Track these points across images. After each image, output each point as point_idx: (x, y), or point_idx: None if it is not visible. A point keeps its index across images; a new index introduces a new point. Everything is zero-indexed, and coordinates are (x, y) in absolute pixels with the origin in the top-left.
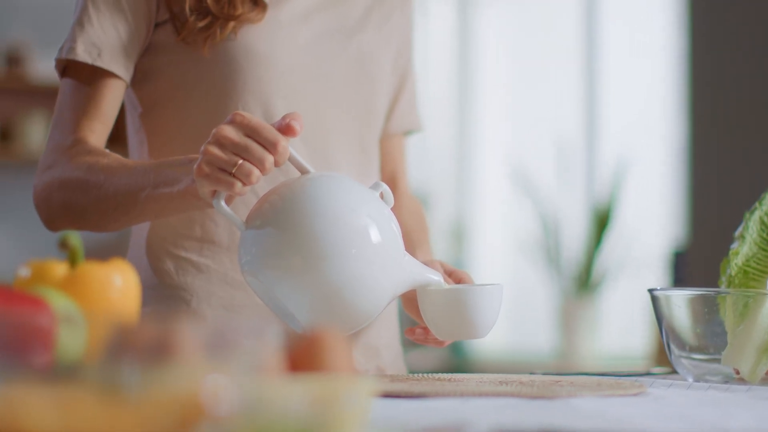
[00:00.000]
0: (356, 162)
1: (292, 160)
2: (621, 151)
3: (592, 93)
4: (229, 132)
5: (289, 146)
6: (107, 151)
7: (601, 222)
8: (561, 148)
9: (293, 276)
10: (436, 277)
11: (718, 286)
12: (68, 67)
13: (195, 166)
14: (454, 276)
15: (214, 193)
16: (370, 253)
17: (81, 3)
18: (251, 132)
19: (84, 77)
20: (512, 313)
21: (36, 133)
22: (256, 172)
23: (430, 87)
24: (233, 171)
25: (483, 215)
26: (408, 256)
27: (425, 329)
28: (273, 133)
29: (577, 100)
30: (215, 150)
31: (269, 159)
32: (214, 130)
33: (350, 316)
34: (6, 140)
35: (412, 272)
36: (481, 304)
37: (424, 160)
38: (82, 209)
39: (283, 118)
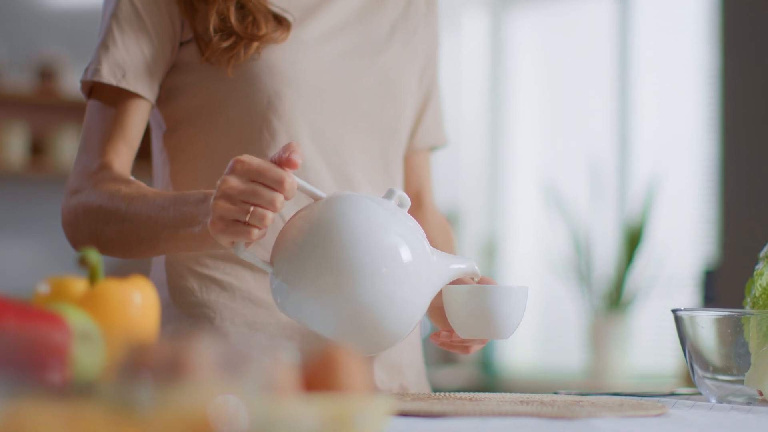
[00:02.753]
0: (379, 182)
1: (301, 190)
2: (653, 169)
3: (625, 110)
4: (234, 182)
5: (295, 177)
6: (131, 179)
7: (633, 240)
8: (593, 165)
9: (326, 299)
10: (465, 266)
11: (743, 307)
12: (94, 89)
13: (209, 222)
14: (480, 281)
15: (233, 242)
16: (401, 272)
17: (105, 24)
18: (255, 176)
19: (109, 99)
20: (542, 331)
21: (67, 147)
22: (269, 214)
23: (462, 103)
24: (247, 220)
25: (514, 232)
26: (436, 255)
27: (450, 332)
28: (276, 172)
29: (609, 117)
30: (224, 204)
31: (279, 198)
32: (218, 182)
33: (383, 335)
34: (38, 154)
35: (441, 276)
36: (505, 304)
37: (455, 176)
38: (108, 239)
39: (283, 150)
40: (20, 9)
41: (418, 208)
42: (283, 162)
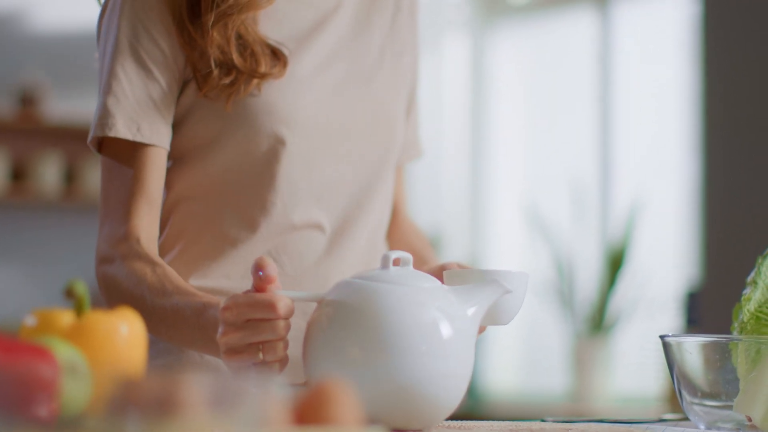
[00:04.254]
0: (373, 214)
1: (298, 300)
2: (635, 191)
3: (607, 133)
4: (232, 339)
5: (286, 291)
6: (156, 259)
7: (615, 262)
8: (575, 187)
9: (368, 383)
10: (490, 289)
11: (730, 332)
12: (106, 143)
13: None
14: None
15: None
16: (442, 348)
17: (107, 68)
18: (246, 315)
19: (124, 153)
20: (525, 354)
21: (49, 173)
22: (279, 344)
23: (444, 125)
24: (263, 359)
25: (496, 255)
26: (456, 294)
27: None
28: (264, 300)
29: (591, 139)
30: (233, 355)
31: (279, 324)
32: (217, 337)
33: (432, 410)
34: (19, 180)
35: (473, 323)
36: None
37: (437, 198)
38: None
39: (254, 272)
40: (1, 35)
41: (393, 219)
42: (263, 283)
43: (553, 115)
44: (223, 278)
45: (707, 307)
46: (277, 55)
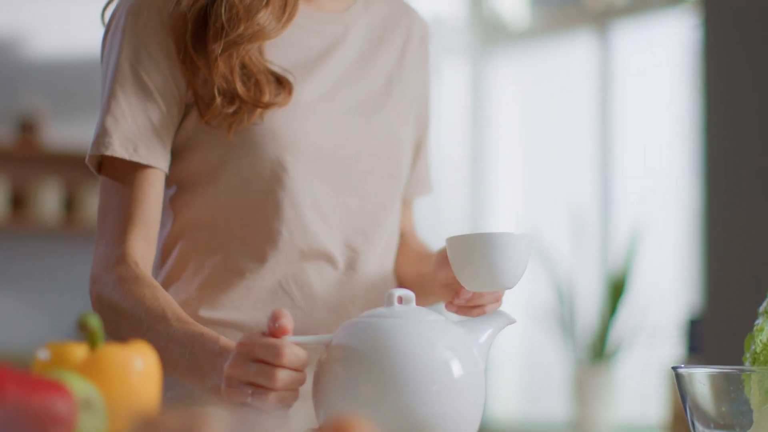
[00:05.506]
0: (381, 244)
1: (304, 344)
2: (636, 218)
3: (607, 160)
4: (235, 372)
5: (294, 337)
6: (152, 281)
7: (616, 290)
8: (575, 214)
9: (380, 423)
10: (498, 320)
11: (741, 361)
12: (104, 162)
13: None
14: None
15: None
16: (452, 386)
17: (107, 90)
18: (256, 353)
19: (122, 173)
20: (526, 382)
21: (49, 200)
22: (270, 394)
23: (444, 153)
24: (251, 402)
25: None
26: (466, 327)
27: (458, 291)
28: (273, 346)
29: (591, 166)
30: (230, 391)
31: (277, 374)
32: (225, 366)
33: None
34: (19, 207)
35: (482, 351)
36: (508, 250)
37: (437, 225)
38: (129, 339)
39: (271, 320)
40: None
41: (403, 243)
42: (276, 332)
43: (552, 141)
44: (234, 309)
45: (709, 335)
46: (281, 83)
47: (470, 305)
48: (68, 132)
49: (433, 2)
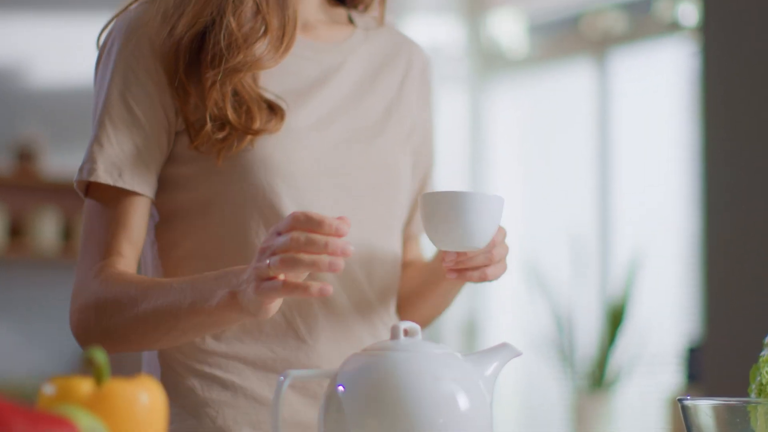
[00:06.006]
0: (382, 274)
1: (307, 378)
2: (635, 245)
3: (605, 187)
4: (287, 252)
5: (294, 371)
6: (136, 274)
7: (615, 317)
8: (574, 242)
9: None
10: (503, 353)
11: (742, 390)
12: (90, 188)
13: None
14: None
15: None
16: (459, 420)
17: (97, 119)
18: (307, 226)
19: (107, 198)
20: (525, 410)
21: (47, 229)
22: (323, 258)
23: (442, 180)
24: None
25: (495, 310)
26: (483, 372)
27: (442, 254)
28: (317, 218)
29: (590, 193)
30: (284, 267)
31: (331, 241)
32: (276, 244)
33: None
34: (17, 236)
35: (488, 384)
36: (478, 209)
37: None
38: (123, 332)
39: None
40: None
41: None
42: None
43: (551, 168)
44: (236, 342)
45: (709, 363)
46: (273, 110)
47: (461, 267)
48: (66, 161)
49: (431, 30)
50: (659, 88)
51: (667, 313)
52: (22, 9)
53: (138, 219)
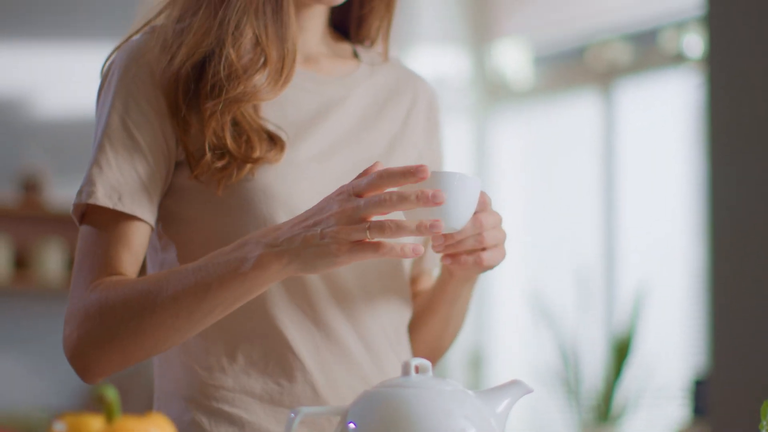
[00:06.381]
0: (385, 315)
1: (317, 415)
2: (640, 278)
3: (611, 219)
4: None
5: (305, 408)
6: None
7: (621, 350)
8: (579, 275)
9: None
10: (514, 390)
11: (751, 425)
12: (88, 213)
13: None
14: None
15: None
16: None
17: (97, 143)
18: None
19: (105, 222)
20: None
21: (52, 260)
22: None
23: None
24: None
25: (500, 343)
26: (494, 408)
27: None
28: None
29: (595, 226)
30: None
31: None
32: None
33: None
34: (22, 267)
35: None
36: (451, 190)
37: None
38: (136, 333)
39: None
40: (2, 121)
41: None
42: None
43: (556, 200)
44: (243, 375)
45: (715, 396)
46: (274, 140)
47: (454, 252)
48: (71, 192)
49: (436, 61)
50: (664, 120)
51: (673, 345)
52: (26, 39)
53: (138, 245)
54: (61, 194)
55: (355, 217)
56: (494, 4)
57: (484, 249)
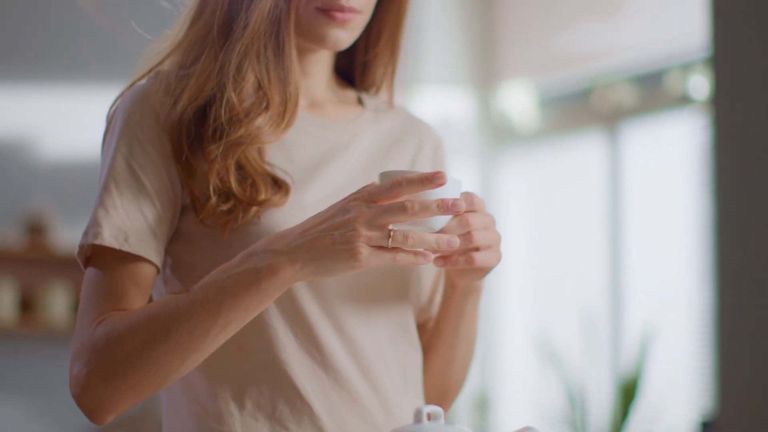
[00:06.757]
0: (392, 360)
1: None
2: (647, 319)
3: (617, 260)
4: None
5: None
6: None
7: (628, 392)
8: (585, 316)
9: None
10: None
11: None
12: (94, 255)
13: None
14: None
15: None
16: None
17: (102, 186)
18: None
19: (112, 263)
20: None
21: (58, 303)
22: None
23: None
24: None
25: (507, 385)
26: None
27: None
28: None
29: (601, 267)
30: (364, 232)
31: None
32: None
33: None
34: (27, 310)
35: None
36: (438, 191)
37: None
38: (146, 360)
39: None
40: (8, 164)
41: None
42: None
43: (562, 242)
44: (251, 419)
45: None
46: (278, 184)
47: (444, 254)
48: (77, 235)
49: (442, 103)
50: (670, 161)
51: (680, 387)
52: (31, 82)
53: (145, 284)
54: (67, 237)
55: (375, 224)
56: (499, 47)
57: (477, 249)
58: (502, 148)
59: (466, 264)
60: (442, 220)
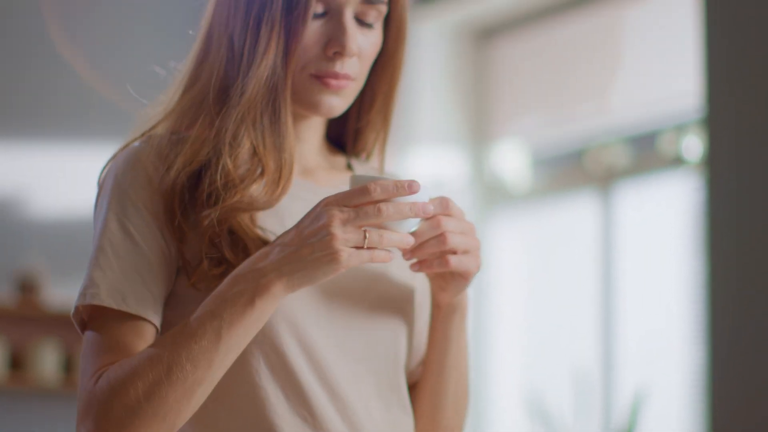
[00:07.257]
0: (382, 421)
1: None
2: (638, 380)
3: (609, 321)
4: (345, 229)
5: None
6: None
7: None
8: (577, 376)
9: None
10: None
11: None
12: (91, 316)
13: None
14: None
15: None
16: None
17: (96, 245)
18: (350, 201)
19: (110, 323)
20: None
21: (48, 361)
22: (383, 233)
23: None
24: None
25: None
26: None
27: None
28: (356, 189)
29: (593, 327)
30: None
31: (378, 208)
32: (332, 228)
33: None
34: (18, 369)
35: None
36: (403, 198)
37: None
38: (154, 402)
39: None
40: (0, 221)
41: None
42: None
43: (555, 301)
44: None
45: None
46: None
47: (419, 258)
48: (68, 292)
49: (435, 163)
50: (663, 222)
51: None
52: (23, 140)
53: (145, 342)
54: (58, 295)
55: (350, 226)
56: (493, 107)
57: (453, 252)
58: (496, 208)
59: (440, 266)
60: (413, 224)
